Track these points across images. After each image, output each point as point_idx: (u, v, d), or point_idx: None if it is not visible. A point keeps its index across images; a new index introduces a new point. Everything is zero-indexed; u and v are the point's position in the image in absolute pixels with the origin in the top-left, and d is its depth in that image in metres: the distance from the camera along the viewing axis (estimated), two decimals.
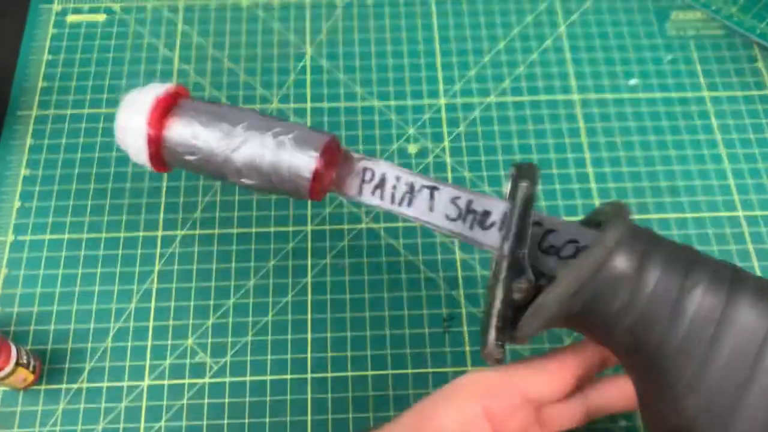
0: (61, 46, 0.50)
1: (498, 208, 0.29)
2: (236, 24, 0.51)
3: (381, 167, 0.29)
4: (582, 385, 0.30)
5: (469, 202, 0.29)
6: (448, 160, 0.46)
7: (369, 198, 0.29)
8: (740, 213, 0.44)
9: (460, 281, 0.42)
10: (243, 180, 0.29)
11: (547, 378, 0.29)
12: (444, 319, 0.41)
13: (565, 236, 0.28)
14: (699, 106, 0.48)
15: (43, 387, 0.39)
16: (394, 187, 0.29)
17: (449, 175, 0.46)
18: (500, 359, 0.26)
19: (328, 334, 0.41)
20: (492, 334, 0.26)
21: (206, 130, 0.28)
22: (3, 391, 0.39)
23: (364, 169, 0.29)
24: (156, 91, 0.30)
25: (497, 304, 0.26)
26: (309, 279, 0.42)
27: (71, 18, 0.51)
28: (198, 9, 0.52)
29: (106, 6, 0.52)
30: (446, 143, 0.47)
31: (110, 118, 0.47)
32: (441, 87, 0.49)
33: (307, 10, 0.52)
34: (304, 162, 0.28)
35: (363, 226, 0.44)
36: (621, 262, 0.25)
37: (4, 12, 0.51)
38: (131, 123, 0.29)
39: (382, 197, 0.29)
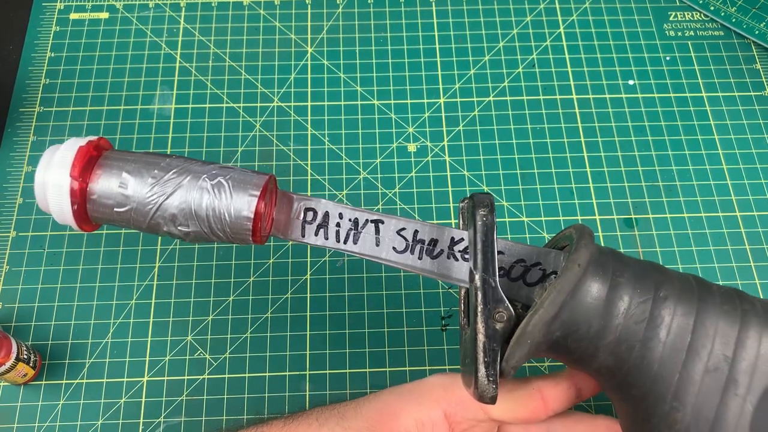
0: (63, 43, 0.50)
1: (444, 236, 0.28)
2: (238, 22, 0.51)
3: (322, 206, 0.28)
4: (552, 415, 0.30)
5: (415, 233, 0.28)
6: (447, 158, 0.46)
7: (313, 239, 0.28)
8: (737, 213, 0.45)
9: None
10: (179, 228, 0.27)
11: (515, 406, 0.28)
12: (442, 317, 0.41)
13: (530, 261, 0.27)
14: (697, 107, 0.48)
15: (43, 382, 0.39)
16: (338, 225, 0.28)
17: (448, 173, 0.46)
18: (495, 396, 0.25)
19: (327, 332, 0.41)
20: (482, 371, 0.25)
21: (135, 178, 0.27)
22: (3, 386, 0.39)
23: (306, 209, 0.28)
24: (76, 143, 0.28)
25: (481, 337, 0.25)
26: (308, 276, 0.43)
27: (74, 15, 0.51)
28: (200, 7, 0.52)
29: (108, 4, 0.52)
30: (445, 142, 0.47)
31: (112, 115, 0.47)
32: (440, 86, 0.49)
33: (308, 9, 0.52)
34: (244, 203, 0.27)
35: None
36: (595, 280, 0.25)
37: (8, 10, 0.52)
38: (52, 178, 0.27)
39: (326, 236, 0.28)
